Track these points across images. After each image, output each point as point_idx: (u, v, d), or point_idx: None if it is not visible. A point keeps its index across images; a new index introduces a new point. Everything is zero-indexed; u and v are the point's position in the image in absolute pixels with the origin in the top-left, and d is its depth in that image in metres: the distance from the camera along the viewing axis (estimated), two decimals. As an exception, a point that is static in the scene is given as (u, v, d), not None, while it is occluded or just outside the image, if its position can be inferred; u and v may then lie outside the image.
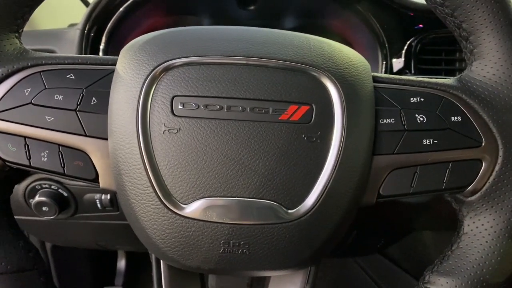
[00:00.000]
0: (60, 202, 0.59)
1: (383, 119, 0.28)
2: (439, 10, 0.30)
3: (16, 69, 0.28)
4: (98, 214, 0.61)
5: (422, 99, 0.29)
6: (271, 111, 0.26)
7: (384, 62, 0.63)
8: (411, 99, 0.29)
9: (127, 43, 0.30)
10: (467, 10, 0.28)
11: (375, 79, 0.30)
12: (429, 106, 0.29)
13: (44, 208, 0.58)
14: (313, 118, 0.27)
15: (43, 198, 0.58)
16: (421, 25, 0.64)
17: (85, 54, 0.59)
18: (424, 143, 0.28)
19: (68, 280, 0.92)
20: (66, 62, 0.28)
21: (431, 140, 0.28)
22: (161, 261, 0.33)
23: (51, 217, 0.59)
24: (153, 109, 0.26)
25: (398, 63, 0.63)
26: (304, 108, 0.27)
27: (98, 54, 0.61)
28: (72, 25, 0.75)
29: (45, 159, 0.27)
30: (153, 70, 0.26)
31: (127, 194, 0.27)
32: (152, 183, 0.26)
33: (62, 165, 0.27)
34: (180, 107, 0.26)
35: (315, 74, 0.27)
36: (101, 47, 0.60)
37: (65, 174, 0.28)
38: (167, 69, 0.27)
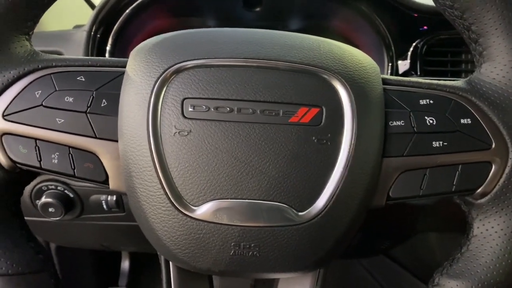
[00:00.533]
0: (66, 203, 0.59)
1: (392, 121, 0.28)
2: (448, 12, 0.30)
3: (27, 71, 0.28)
4: (104, 215, 0.62)
5: (431, 101, 0.29)
6: (281, 113, 0.26)
7: (390, 64, 0.63)
8: (421, 101, 0.29)
9: (133, 44, 0.30)
10: (476, 12, 0.28)
11: (384, 81, 0.30)
12: (438, 108, 0.29)
13: (50, 209, 0.58)
14: (323, 120, 0.27)
15: (49, 199, 0.58)
16: (425, 27, 0.64)
17: (91, 55, 0.59)
18: (433, 146, 0.28)
19: (72, 281, 0.93)
20: (76, 64, 0.29)
21: (441, 142, 0.28)
22: (170, 262, 0.33)
23: (57, 218, 0.59)
24: (163, 111, 0.26)
25: (403, 65, 0.63)
26: (314, 111, 0.27)
27: (104, 56, 0.61)
28: (77, 26, 0.76)
29: (56, 161, 0.27)
30: (163, 72, 0.26)
31: (137, 196, 0.27)
32: (163, 185, 0.26)
33: (73, 167, 0.28)
34: (190, 109, 0.26)
35: (325, 76, 0.27)
36: (108, 48, 0.61)
37: (75, 176, 0.28)
38: (177, 71, 0.27)
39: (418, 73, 0.62)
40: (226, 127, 0.26)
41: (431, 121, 0.28)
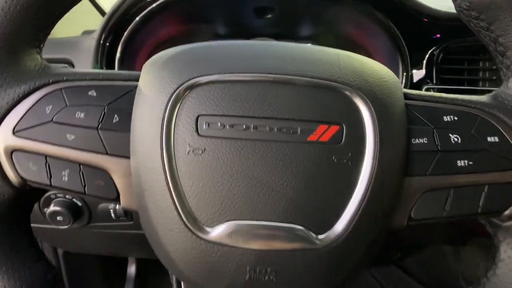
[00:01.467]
0: (74, 212, 0.59)
1: (415, 138, 0.27)
2: (474, 23, 0.29)
3: (38, 86, 0.27)
4: (112, 223, 0.61)
5: (456, 118, 0.28)
6: (299, 131, 0.25)
7: (405, 73, 0.62)
8: (444, 117, 0.28)
9: (142, 51, 0.29)
10: (505, 24, 0.27)
11: (406, 96, 0.28)
12: (463, 125, 0.28)
13: (58, 218, 0.58)
14: (343, 139, 0.25)
15: (57, 208, 0.57)
16: (438, 35, 0.63)
17: (100, 63, 0.59)
18: (458, 165, 0.27)
19: (79, 286, 0.92)
20: (87, 78, 0.28)
21: (466, 161, 0.27)
22: (182, 282, 0.32)
23: (65, 227, 0.59)
24: (177, 129, 0.25)
25: (418, 74, 0.62)
26: (334, 128, 0.25)
27: (113, 63, 0.60)
28: (86, 32, 0.75)
29: (66, 178, 0.27)
30: (177, 88, 0.26)
31: (149, 215, 0.26)
32: (176, 205, 0.25)
33: (83, 185, 0.27)
34: (205, 126, 0.25)
35: (345, 92, 0.26)
36: (117, 56, 0.60)
37: (85, 193, 0.27)
38: (191, 87, 0.26)
39: (434, 82, 0.61)
40: (242, 146, 0.25)
41: (455, 139, 0.27)
